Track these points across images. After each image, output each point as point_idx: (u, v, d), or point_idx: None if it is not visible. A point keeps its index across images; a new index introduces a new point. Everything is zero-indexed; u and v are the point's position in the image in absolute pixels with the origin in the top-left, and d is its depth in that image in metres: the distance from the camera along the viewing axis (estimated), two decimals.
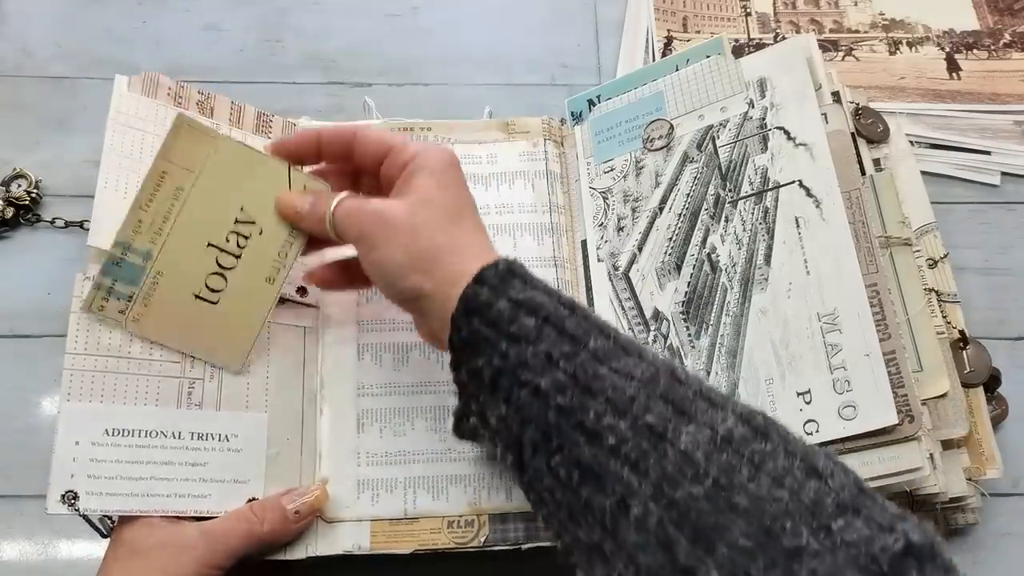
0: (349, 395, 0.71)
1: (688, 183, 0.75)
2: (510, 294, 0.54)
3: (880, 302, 0.65)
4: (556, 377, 0.51)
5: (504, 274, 0.55)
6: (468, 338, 0.55)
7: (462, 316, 0.55)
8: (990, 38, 0.98)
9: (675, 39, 0.97)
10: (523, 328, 0.53)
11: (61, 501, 0.61)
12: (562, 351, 0.52)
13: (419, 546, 0.66)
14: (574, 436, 0.50)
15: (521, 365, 0.52)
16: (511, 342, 0.53)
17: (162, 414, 0.64)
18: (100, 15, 0.96)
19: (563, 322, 0.53)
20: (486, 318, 0.54)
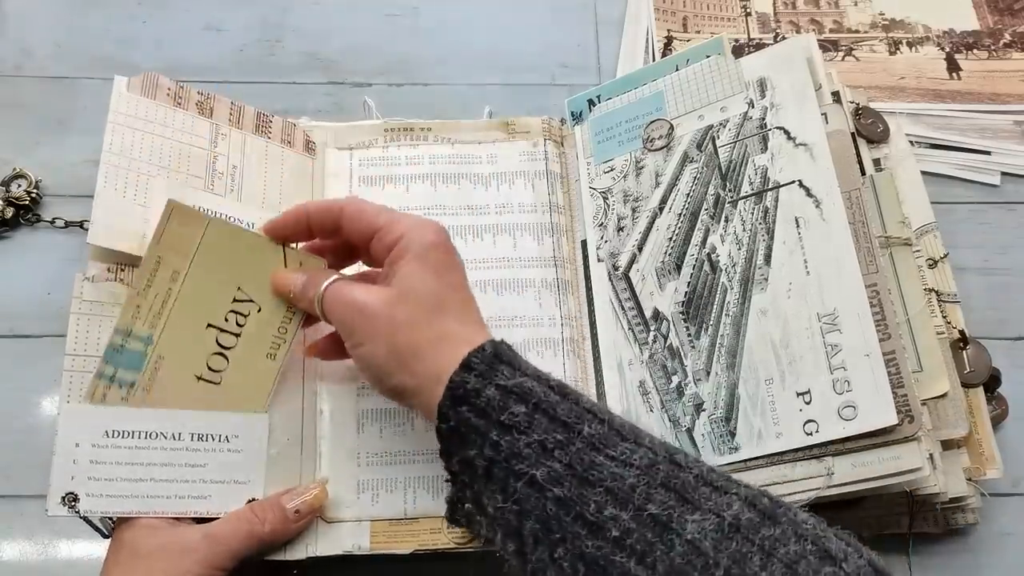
0: (349, 395, 0.71)
1: (688, 183, 0.75)
2: (498, 381, 0.53)
3: (880, 302, 0.65)
4: (552, 467, 0.50)
5: (491, 359, 0.54)
6: (457, 427, 0.54)
7: (449, 406, 0.54)
8: (990, 38, 0.98)
9: (675, 39, 0.97)
10: (514, 417, 0.52)
11: (62, 503, 0.61)
12: (556, 439, 0.51)
13: (419, 546, 0.66)
14: (575, 528, 0.49)
15: (515, 456, 0.51)
16: (502, 431, 0.52)
17: (162, 415, 0.64)
18: (100, 15, 0.96)
19: (555, 408, 0.52)
20: (475, 407, 0.53)
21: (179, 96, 0.74)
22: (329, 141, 0.80)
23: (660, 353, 0.71)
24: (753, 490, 0.49)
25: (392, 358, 0.58)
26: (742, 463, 0.65)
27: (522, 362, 0.56)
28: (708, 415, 0.68)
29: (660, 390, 0.70)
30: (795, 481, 0.63)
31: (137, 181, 0.68)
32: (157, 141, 0.71)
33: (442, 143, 0.80)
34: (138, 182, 0.68)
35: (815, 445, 0.63)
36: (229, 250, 0.65)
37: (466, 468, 0.54)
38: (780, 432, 0.65)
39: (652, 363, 0.71)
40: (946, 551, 0.73)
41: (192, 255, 0.64)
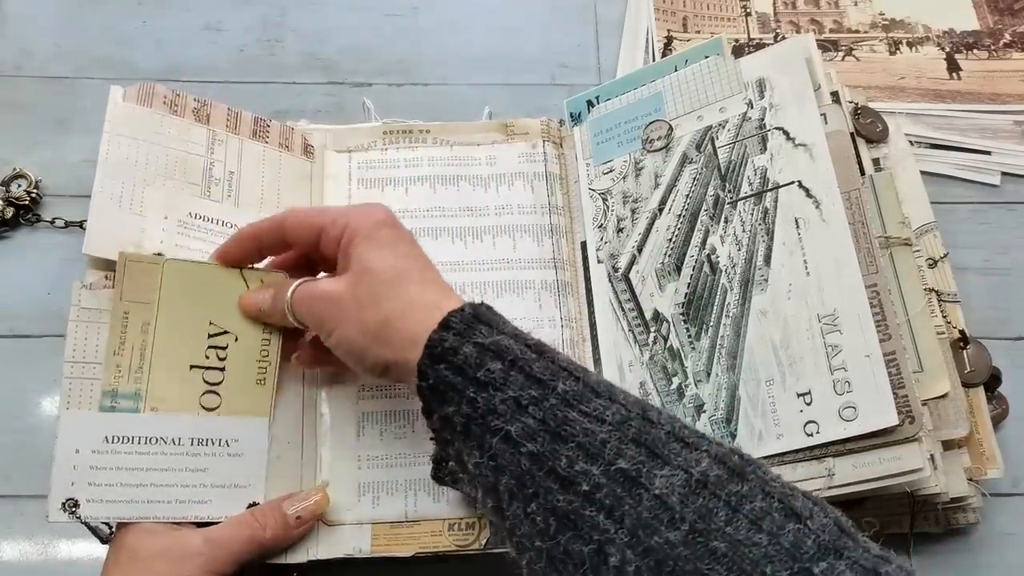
0: (349, 398, 0.70)
1: (687, 184, 0.75)
2: (476, 339, 0.54)
3: (880, 303, 0.65)
4: (526, 423, 0.51)
5: (470, 319, 0.55)
6: (436, 385, 0.54)
7: (428, 363, 0.54)
8: (990, 38, 0.98)
9: (675, 39, 0.97)
10: (490, 373, 0.52)
11: (62, 509, 0.61)
12: (530, 396, 0.51)
13: (420, 548, 0.66)
14: (547, 483, 0.49)
15: (490, 412, 0.52)
16: (479, 388, 0.52)
17: (162, 420, 0.64)
18: (100, 15, 0.96)
19: (530, 365, 0.53)
20: (452, 364, 0.54)
21: (175, 103, 0.74)
22: (328, 144, 0.80)
23: (660, 354, 0.71)
24: (724, 447, 0.50)
25: (365, 335, 0.58)
26: None
27: (501, 322, 0.56)
28: (709, 416, 0.68)
29: (660, 391, 0.70)
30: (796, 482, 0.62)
31: (133, 190, 0.68)
32: (153, 149, 0.71)
33: (441, 145, 0.80)
34: (134, 191, 0.68)
35: (816, 446, 0.64)
36: (191, 286, 0.66)
37: (446, 425, 0.55)
38: (781, 433, 0.65)
39: (652, 364, 0.71)
40: (947, 551, 0.73)
41: (157, 301, 0.65)
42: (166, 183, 0.71)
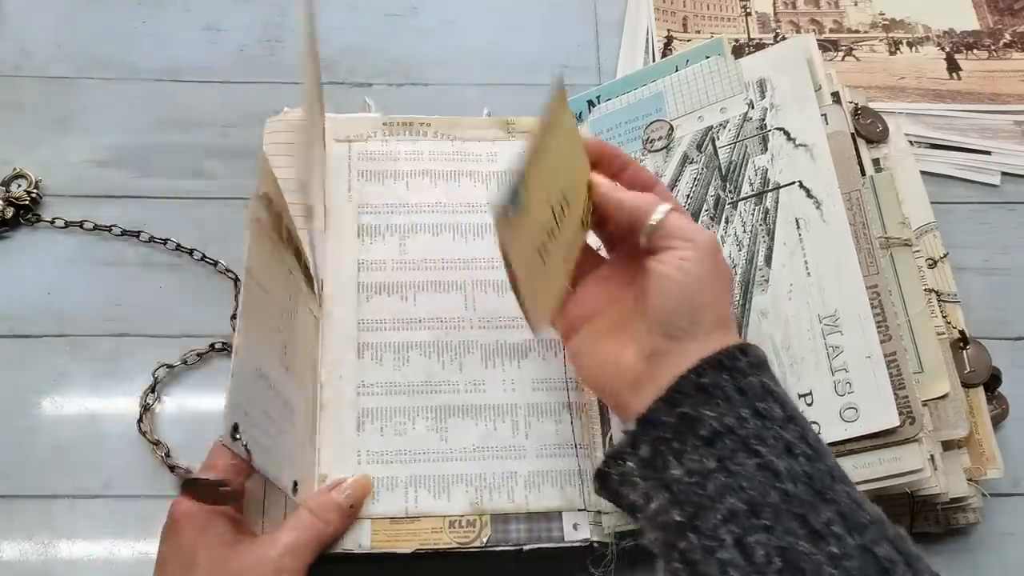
0: (349, 394, 0.71)
1: (688, 184, 0.75)
2: (764, 379, 0.53)
3: (881, 303, 0.65)
4: (793, 467, 0.50)
5: (763, 361, 0.55)
6: (706, 386, 0.53)
7: (711, 365, 0.53)
8: (990, 38, 0.98)
9: (675, 39, 0.97)
10: (770, 411, 0.52)
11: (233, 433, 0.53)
12: (803, 450, 0.51)
13: (420, 545, 0.66)
14: (791, 525, 0.48)
15: (758, 438, 0.51)
16: (755, 415, 0.52)
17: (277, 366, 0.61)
18: (100, 15, 0.96)
19: (807, 431, 0.52)
20: (736, 381, 0.53)
21: None
22: (327, 132, 0.80)
23: None
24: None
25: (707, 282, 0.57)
26: None
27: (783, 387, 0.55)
28: None
29: None
30: None
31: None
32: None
33: (442, 139, 0.80)
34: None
35: None
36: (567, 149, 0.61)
37: (683, 423, 0.52)
38: None
39: None
40: (947, 551, 0.73)
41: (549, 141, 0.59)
42: None
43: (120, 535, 0.73)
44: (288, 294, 0.65)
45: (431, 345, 0.72)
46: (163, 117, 0.90)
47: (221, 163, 0.88)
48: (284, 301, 0.64)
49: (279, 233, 0.63)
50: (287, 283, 0.65)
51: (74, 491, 0.74)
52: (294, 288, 0.66)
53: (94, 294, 0.81)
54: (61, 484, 0.74)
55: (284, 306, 0.64)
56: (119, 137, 0.88)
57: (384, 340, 0.72)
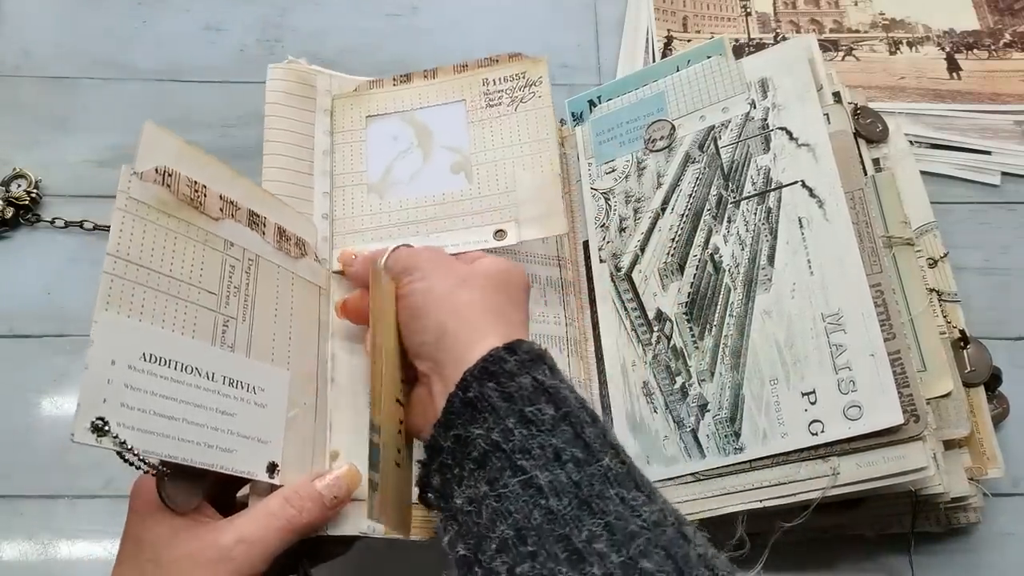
0: (360, 368, 0.68)
1: (690, 184, 0.75)
2: (536, 375, 0.51)
3: (884, 302, 0.65)
4: (558, 477, 0.47)
5: (537, 354, 0.52)
6: (474, 400, 0.50)
7: (477, 375, 0.51)
8: (990, 38, 0.98)
9: (675, 39, 0.97)
10: (539, 414, 0.49)
11: (90, 429, 0.51)
12: (573, 454, 0.48)
13: (434, 534, 0.63)
14: (554, 548, 0.45)
15: (523, 450, 0.48)
16: (521, 422, 0.49)
17: (198, 348, 0.58)
18: (100, 15, 0.96)
19: (583, 427, 0.49)
20: (503, 388, 0.50)
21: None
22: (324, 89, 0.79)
23: (664, 354, 0.71)
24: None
25: (445, 300, 0.57)
26: (747, 463, 0.65)
27: (563, 375, 0.53)
28: (713, 416, 0.68)
29: (664, 391, 0.70)
30: (800, 481, 0.63)
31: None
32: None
33: None
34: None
35: (820, 445, 0.64)
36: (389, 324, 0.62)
37: (458, 446, 0.51)
38: (785, 432, 0.65)
39: (656, 364, 0.71)
40: (948, 550, 0.73)
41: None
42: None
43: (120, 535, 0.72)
44: (219, 268, 0.62)
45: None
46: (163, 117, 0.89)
47: None
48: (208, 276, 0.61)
49: (193, 205, 0.61)
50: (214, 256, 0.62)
51: (74, 491, 0.74)
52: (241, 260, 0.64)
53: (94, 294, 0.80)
54: (61, 484, 0.74)
55: (208, 282, 0.61)
56: (119, 137, 0.88)
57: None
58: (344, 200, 0.73)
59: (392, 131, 0.77)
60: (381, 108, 0.78)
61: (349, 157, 0.75)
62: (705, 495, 0.66)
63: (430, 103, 0.78)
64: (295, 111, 0.75)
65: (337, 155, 0.75)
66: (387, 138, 0.76)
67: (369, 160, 0.75)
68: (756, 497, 0.65)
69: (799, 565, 0.72)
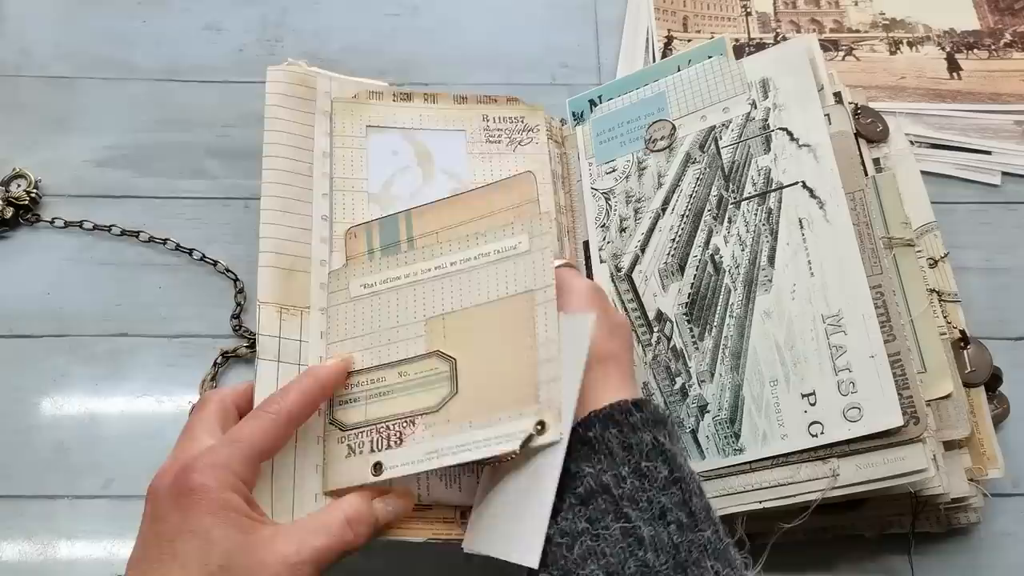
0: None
1: (691, 184, 0.75)
2: (658, 436, 0.52)
3: (884, 303, 0.65)
4: (660, 535, 0.48)
5: (661, 417, 0.54)
6: (592, 441, 0.52)
7: (602, 420, 0.52)
8: (991, 38, 0.98)
9: (675, 39, 0.97)
10: (654, 471, 0.50)
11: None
12: (678, 517, 0.49)
13: (432, 535, 0.65)
14: None
15: (632, 500, 0.49)
16: (635, 475, 0.50)
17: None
18: (100, 15, 0.96)
19: (691, 495, 0.51)
20: (624, 439, 0.52)
21: None
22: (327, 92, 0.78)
23: (664, 355, 0.71)
24: None
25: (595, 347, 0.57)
26: (747, 465, 0.65)
27: (680, 443, 0.55)
28: (712, 417, 0.68)
29: (664, 392, 0.70)
30: (800, 483, 0.63)
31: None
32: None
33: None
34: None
35: (820, 447, 0.64)
36: None
37: (564, 478, 0.52)
38: (785, 433, 0.65)
39: (656, 364, 0.71)
40: (948, 550, 0.73)
41: None
42: None
43: (120, 535, 0.73)
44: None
45: None
46: (163, 117, 0.90)
47: (221, 163, 0.88)
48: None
49: None
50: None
51: (74, 491, 0.74)
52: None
53: (94, 294, 0.81)
54: (61, 484, 0.74)
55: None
56: (119, 137, 0.88)
57: None
58: (344, 205, 0.73)
59: (392, 146, 0.77)
60: (381, 120, 0.78)
61: (350, 163, 0.75)
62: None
63: (431, 127, 0.78)
64: (295, 113, 0.75)
65: (336, 159, 0.75)
66: (387, 151, 0.76)
67: (370, 170, 0.75)
68: (756, 498, 0.65)
69: (799, 565, 0.72)
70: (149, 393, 0.78)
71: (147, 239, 0.83)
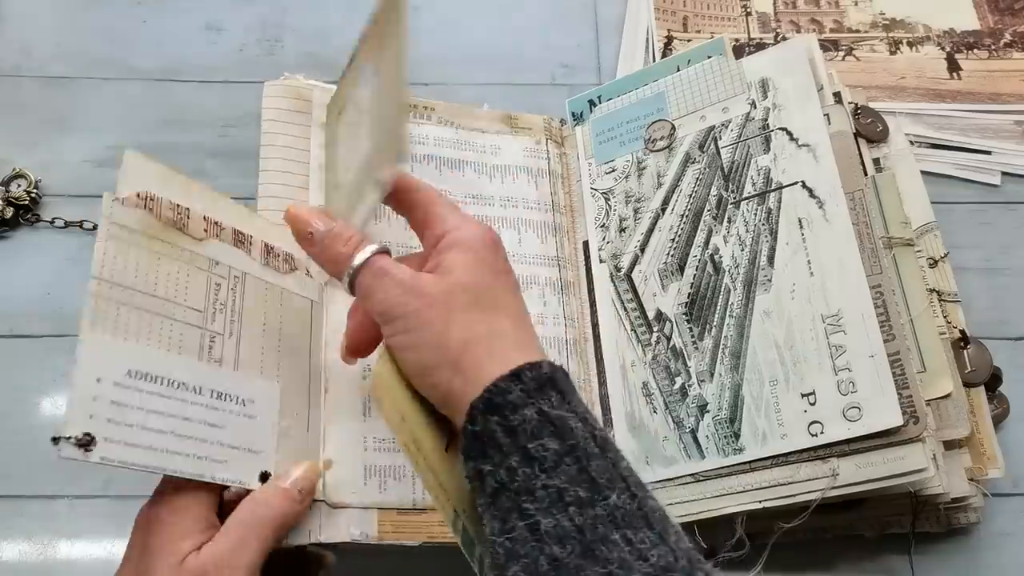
0: (354, 377, 0.68)
1: (690, 184, 0.75)
2: (541, 405, 0.48)
3: (884, 303, 0.65)
4: (560, 522, 0.45)
5: (544, 380, 0.49)
6: (480, 435, 0.48)
7: (481, 408, 0.48)
8: (991, 38, 0.98)
9: (675, 39, 0.97)
10: (542, 450, 0.47)
11: (76, 445, 0.52)
12: (576, 495, 0.46)
13: (428, 538, 0.65)
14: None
15: (527, 491, 0.46)
16: (524, 461, 0.47)
17: (184, 364, 0.59)
18: (100, 15, 0.95)
19: (589, 460, 0.47)
20: (506, 421, 0.48)
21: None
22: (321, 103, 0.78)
23: (663, 354, 0.71)
24: None
25: (439, 351, 0.51)
26: (747, 464, 0.66)
27: (574, 397, 0.50)
28: (712, 416, 0.68)
29: (664, 392, 0.70)
30: (800, 482, 0.64)
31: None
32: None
33: (445, 126, 0.80)
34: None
35: (820, 446, 0.64)
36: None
37: (477, 479, 0.49)
38: (785, 433, 0.65)
39: (655, 364, 0.71)
40: (947, 550, 0.73)
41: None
42: None
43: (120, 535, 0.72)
44: (205, 287, 0.63)
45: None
46: (163, 117, 0.90)
47: (221, 163, 0.87)
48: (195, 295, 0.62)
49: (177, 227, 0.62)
50: (199, 276, 0.63)
51: (74, 491, 0.74)
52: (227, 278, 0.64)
53: None
54: (61, 484, 0.74)
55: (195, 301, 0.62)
56: (119, 137, 0.88)
57: None
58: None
59: None
60: None
61: None
62: (705, 496, 0.66)
63: None
64: (291, 127, 0.76)
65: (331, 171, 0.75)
66: None
67: None
68: (756, 498, 0.65)
69: (799, 565, 0.72)
70: None
71: None
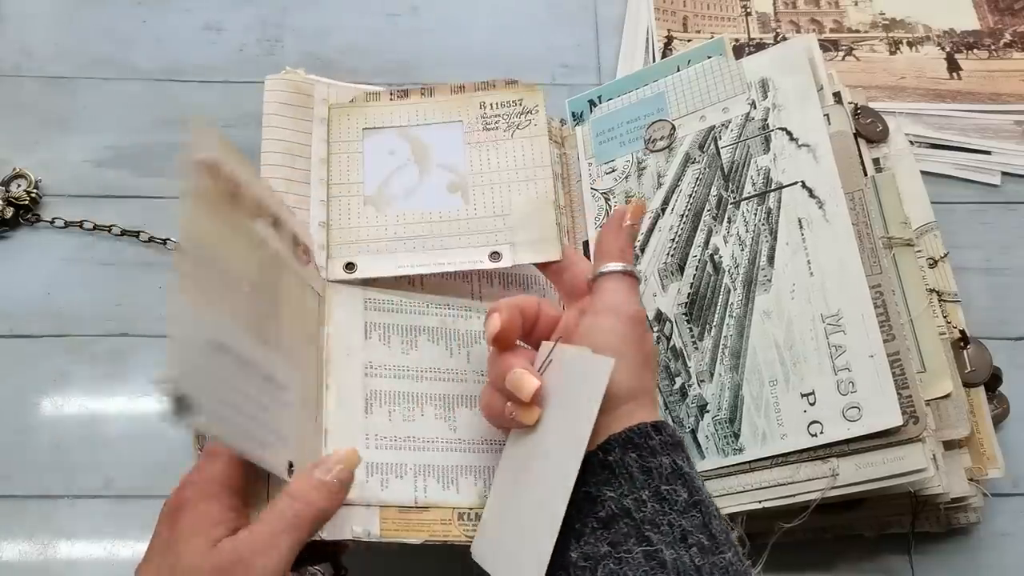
0: (356, 374, 0.68)
1: (690, 184, 0.75)
2: (676, 459, 0.52)
3: (884, 303, 0.65)
4: (682, 557, 0.48)
5: (677, 441, 0.54)
6: (613, 464, 0.52)
7: (619, 443, 0.52)
8: (990, 38, 0.98)
9: (675, 39, 0.97)
10: (674, 494, 0.50)
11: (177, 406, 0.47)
12: (700, 541, 0.49)
13: (430, 537, 0.65)
14: None
15: (653, 524, 0.49)
16: (655, 498, 0.50)
17: (248, 339, 0.56)
18: (100, 15, 0.96)
19: (711, 518, 0.51)
20: (644, 461, 0.52)
21: None
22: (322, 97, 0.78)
23: (663, 354, 0.71)
24: None
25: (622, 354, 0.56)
26: (747, 464, 0.66)
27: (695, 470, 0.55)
28: (712, 416, 0.68)
29: (663, 391, 0.70)
30: (800, 482, 0.63)
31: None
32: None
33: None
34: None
35: (820, 446, 0.64)
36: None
37: (585, 502, 0.52)
38: (785, 433, 0.65)
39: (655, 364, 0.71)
40: (947, 550, 0.73)
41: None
42: None
43: (120, 535, 0.73)
44: (257, 266, 0.60)
45: (439, 331, 0.72)
46: (163, 117, 0.90)
47: None
48: (252, 273, 0.59)
49: (234, 202, 0.58)
50: (254, 254, 0.60)
51: (74, 491, 0.74)
52: (269, 260, 0.63)
53: (94, 294, 0.81)
54: (61, 484, 0.74)
55: (252, 278, 0.59)
56: (119, 137, 0.88)
57: (391, 322, 0.71)
58: (340, 210, 0.73)
59: (389, 145, 0.77)
60: (378, 122, 0.78)
61: (346, 168, 0.75)
62: None
63: (427, 121, 0.78)
64: (292, 121, 0.75)
65: (333, 165, 0.75)
66: (384, 152, 0.76)
67: (366, 172, 0.75)
68: (756, 498, 0.65)
69: (799, 565, 0.72)
70: (149, 393, 0.78)
71: (147, 239, 0.83)
